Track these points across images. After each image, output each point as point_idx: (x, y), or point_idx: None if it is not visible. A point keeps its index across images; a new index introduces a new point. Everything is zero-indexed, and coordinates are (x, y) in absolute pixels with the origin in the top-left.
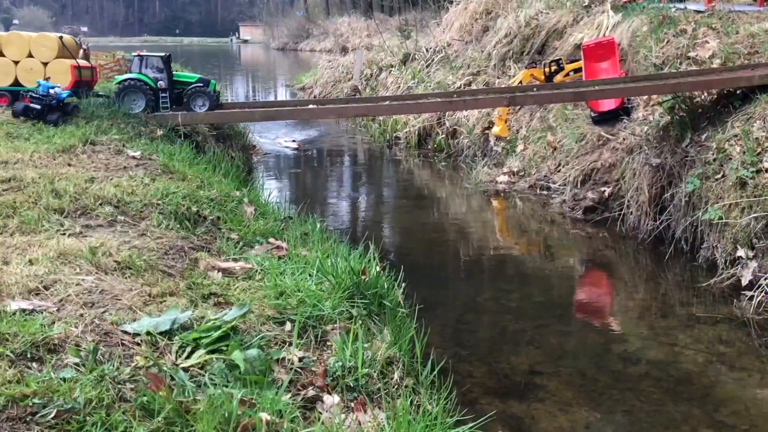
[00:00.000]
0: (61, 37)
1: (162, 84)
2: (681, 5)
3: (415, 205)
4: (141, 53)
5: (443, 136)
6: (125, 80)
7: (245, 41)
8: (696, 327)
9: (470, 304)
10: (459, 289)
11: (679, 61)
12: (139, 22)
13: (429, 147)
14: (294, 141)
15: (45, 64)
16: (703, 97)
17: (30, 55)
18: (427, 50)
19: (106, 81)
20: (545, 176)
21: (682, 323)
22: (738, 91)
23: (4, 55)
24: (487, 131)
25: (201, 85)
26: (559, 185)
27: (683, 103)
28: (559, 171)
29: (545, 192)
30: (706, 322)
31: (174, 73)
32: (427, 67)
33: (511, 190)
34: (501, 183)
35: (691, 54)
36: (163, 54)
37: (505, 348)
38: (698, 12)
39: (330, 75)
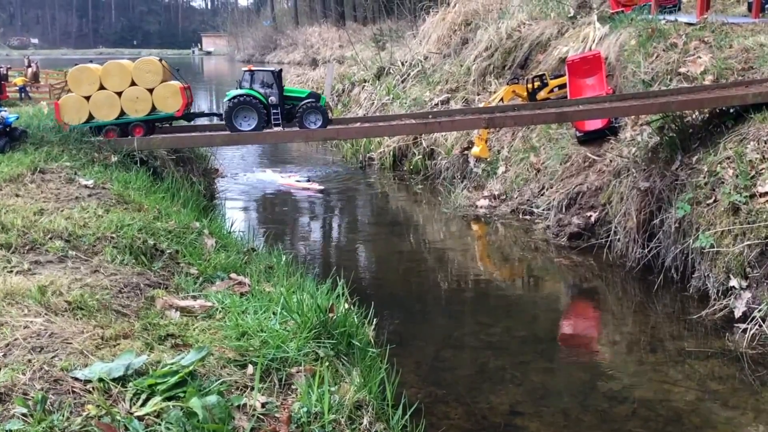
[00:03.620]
0: (161, 59)
1: (273, 99)
2: (671, 17)
3: (389, 231)
4: (252, 68)
5: (420, 156)
6: (237, 96)
7: (208, 53)
8: (687, 362)
9: (448, 339)
10: (436, 323)
11: (669, 77)
12: (94, 33)
13: (405, 168)
14: (309, 179)
15: (150, 90)
16: (694, 116)
17: (133, 83)
18: (402, 64)
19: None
20: (528, 200)
21: (672, 358)
22: (731, 110)
23: (105, 88)
24: (466, 152)
25: (313, 100)
26: (543, 210)
27: (673, 123)
28: (542, 194)
29: (528, 217)
30: (698, 356)
31: (284, 87)
32: (402, 81)
33: (492, 215)
34: (481, 207)
35: (682, 69)
36: (273, 68)
37: (485, 386)
38: (690, 24)
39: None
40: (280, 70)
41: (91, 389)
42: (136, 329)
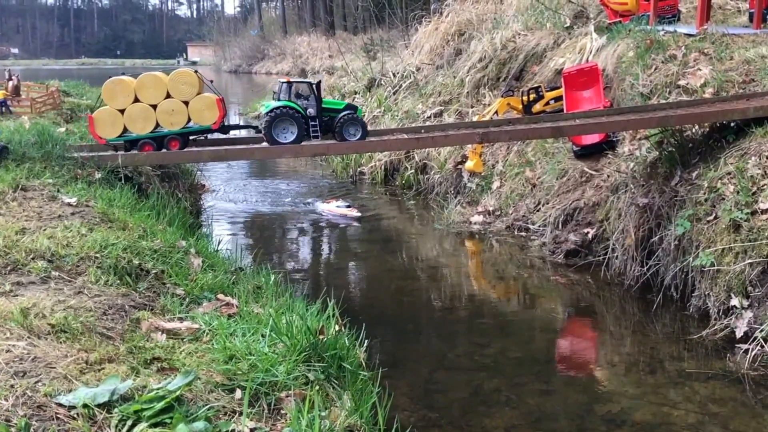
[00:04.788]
0: (196, 71)
1: (311, 111)
2: (670, 28)
3: (381, 249)
4: (290, 79)
5: (412, 171)
6: (276, 108)
7: (194, 63)
8: (687, 384)
9: (441, 360)
10: (429, 344)
11: (668, 89)
12: (76, 43)
13: (397, 183)
14: (350, 206)
15: (186, 102)
16: (693, 130)
17: (168, 96)
18: (394, 75)
19: (39, 116)
20: (523, 216)
21: (671, 380)
22: (732, 124)
23: (139, 101)
24: (460, 166)
25: (352, 111)
26: (539, 226)
27: (672, 137)
28: (538, 210)
29: (523, 233)
30: (698, 378)
31: (323, 99)
32: (394, 93)
33: (486, 232)
34: (475, 223)
35: (681, 82)
36: (311, 80)
37: (479, 409)
38: (689, 35)
39: None
40: (319, 82)
41: (75, 415)
42: (121, 353)
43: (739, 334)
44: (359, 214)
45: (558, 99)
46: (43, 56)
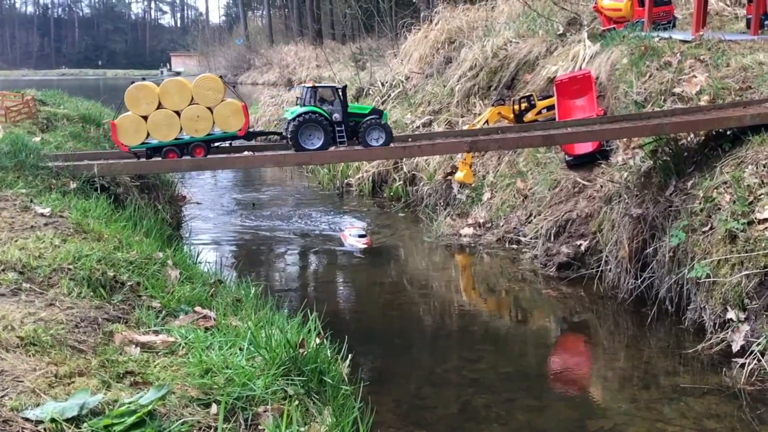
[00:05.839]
0: (221, 76)
1: (337, 117)
2: (665, 34)
3: (368, 262)
4: (315, 84)
5: (400, 182)
6: (303, 114)
7: (177, 73)
8: (682, 399)
9: (429, 376)
10: (417, 358)
11: (663, 97)
12: (57, 53)
13: (385, 195)
14: (363, 236)
15: (211, 108)
16: (689, 139)
17: (193, 102)
18: (382, 84)
19: (13, 125)
20: (515, 228)
21: (666, 395)
22: (728, 132)
23: (163, 107)
24: (449, 177)
25: (376, 116)
26: (530, 238)
27: (667, 146)
28: (530, 222)
29: (515, 246)
30: (693, 393)
31: (348, 104)
32: (382, 103)
33: (476, 244)
34: (465, 236)
35: (677, 90)
36: (336, 84)
37: (468, 426)
38: (685, 42)
39: (273, 113)
40: (345, 86)
41: (42, 430)
42: (92, 366)
43: (735, 347)
44: (364, 246)
45: (550, 108)
46: (22, 66)
